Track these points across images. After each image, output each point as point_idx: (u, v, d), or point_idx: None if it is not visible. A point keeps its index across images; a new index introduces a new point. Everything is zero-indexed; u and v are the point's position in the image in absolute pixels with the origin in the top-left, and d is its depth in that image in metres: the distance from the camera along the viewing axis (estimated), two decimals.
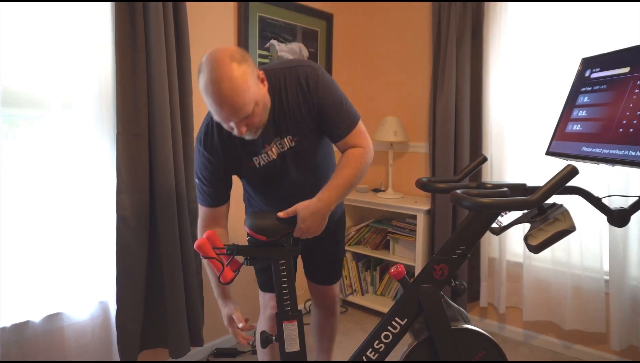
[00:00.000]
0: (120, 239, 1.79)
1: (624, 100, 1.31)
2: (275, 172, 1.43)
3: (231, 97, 1.13)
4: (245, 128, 1.22)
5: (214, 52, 1.16)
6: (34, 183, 1.68)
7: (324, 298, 1.81)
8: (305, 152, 1.42)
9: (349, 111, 1.39)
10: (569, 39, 2.24)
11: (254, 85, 1.19)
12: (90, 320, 1.83)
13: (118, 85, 1.75)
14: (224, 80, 1.13)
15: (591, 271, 2.23)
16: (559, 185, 1.13)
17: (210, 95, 1.14)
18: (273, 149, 1.39)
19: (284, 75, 1.32)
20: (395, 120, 2.80)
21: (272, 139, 1.38)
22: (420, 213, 2.60)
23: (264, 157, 1.40)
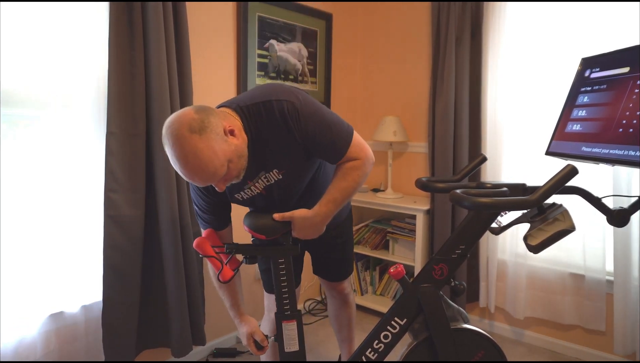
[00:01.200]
0: (108, 238, 1.77)
1: (623, 100, 1.31)
2: (262, 201, 1.42)
3: (200, 170, 1.11)
4: (225, 183, 1.21)
5: (172, 126, 1.10)
6: (32, 183, 1.67)
7: (335, 292, 1.87)
8: (293, 182, 1.38)
9: (339, 132, 1.31)
10: (569, 39, 2.24)
11: (222, 146, 1.14)
12: (85, 320, 1.82)
13: (111, 85, 1.74)
14: (189, 156, 1.09)
15: (594, 271, 2.22)
16: (559, 185, 1.13)
17: (180, 170, 1.13)
18: (257, 184, 1.36)
19: (259, 111, 1.24)
20: (394, 120, 2.80)
21: (257, 175, 1.34)
22: (419, 213, 2.60)
23: (247, 192, 1.38)
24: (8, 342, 1.62)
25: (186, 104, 1.97)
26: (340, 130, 1.31)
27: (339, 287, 1.85)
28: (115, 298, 1.81)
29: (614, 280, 2.14)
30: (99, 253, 1.82)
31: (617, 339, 2.16)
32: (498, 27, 2.44)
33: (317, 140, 1.28)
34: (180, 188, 1.94)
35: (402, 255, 2.78)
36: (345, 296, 1.88)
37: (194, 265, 2.01)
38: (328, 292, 1.91)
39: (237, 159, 1.19)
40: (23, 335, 1.65)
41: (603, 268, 2.20)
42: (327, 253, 1.76)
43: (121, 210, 1.79)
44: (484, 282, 2.58)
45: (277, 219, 1.35)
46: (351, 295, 1.93)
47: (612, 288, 2.16)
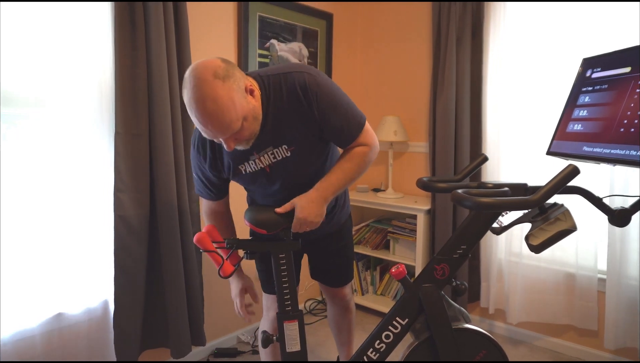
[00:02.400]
0: (118, 239, 1.78)
1: (624, 100, 1.31)
2: (263, 180, 1.40)
3: (216, 117, 1.10)
4: (234, 143, 1.20)
5: (197, 69, 1.10)
6: (34, 183, 1.67)
7: (336, 298, 1.82)
8: (300, 162, 1.36)
9: (354, 116, 1.33)
10: (569, 39, 2.24)
11: (241, 100, 1.14)
12: (88, 320, 1.82)
13: (118, 85, 1.75)
14: (208, 100, 1.08)
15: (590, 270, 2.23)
16: (560, 185, 1.13)
17: (194, 114, 1.11)
18: (263, 158, 1.34)
19: (279, 82, 1.24)
20: (395, 120, 2.80)
21: (264, 148, 1.32)
22: (420, 213, 2.60)
23: (252, 165, 1.36)
24: (9, 342, 1.62)
25: None
26: (355, 114, 1.33)
27: (340, 293, 1.80)
28: (124, 299, 1.82)
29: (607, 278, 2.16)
30: (103, 253, 1.82)
31: (607, 334, 2.17)
32: (498, 27, 2.44)
33: (333, 119, 1.28)
34: (181, 188, 1.94)
35: (403, 255, 2.78)
36: (346, 302, 1.84)
37: (193, 265, 2.01)
38: (328, 298, 1.86)
39: (252, 120, 1.19)
40: (24, 335, 1.65)
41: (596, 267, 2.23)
42: (326, 257, 1.72)
43: (128, 211, 1.80)
44: (485, 282, 2.58)
45: (279, 212, 1.33)
46: (352, 301, 1.88)
47: (604, 286, 2.18)
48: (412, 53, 2.89)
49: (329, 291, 1.81)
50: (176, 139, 1.92)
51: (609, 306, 2.17)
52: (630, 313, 2.13)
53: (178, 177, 1.93)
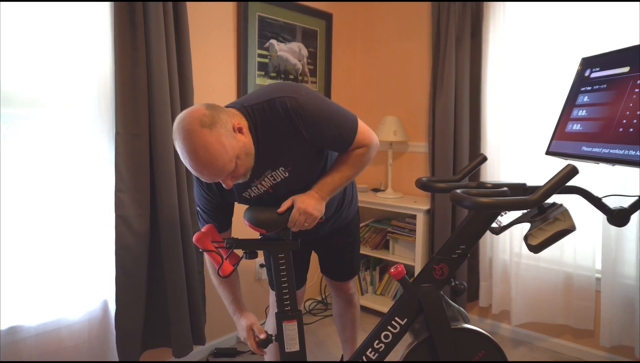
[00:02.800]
0: (119, 239, 1.79)
1: (623, 99, 1.31)
2: (270, 199, 1.42)
3: (210, 163, 1.13)
4: (232, 180, 1.22)
5: (184, 120, 1.13)
6: (34, 183, 1.67)
7: (340, 292, 1.88)
8: (300, 178, 1.39)
9: (345, 123, 1.33)
10: (568, 39, 2.24)
11: (231, 141, 1.17)
12: (90, 320, 1.83)
13: (118, 85, 1.75)
14: (199, 149, 1.12)
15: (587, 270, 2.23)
16: (559, 185, 1.13)
17: (189, 164, 1.15)
18: (264, 183, 1.37)
19: (263, 109, 1.26)
20: (394, 120, 2.80)
21: (263, 173, 1.35)
22: (419, 213, 2.60)
23: (255, 190, 1.40)
24: (8, 342, 1.62)
25: (187, 104, 1.98)
26: (345, 121, 1.33)
27: (344, 286, 1.85)
28: (125, 299, 1.82)
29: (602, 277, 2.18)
30: (103, 253, 1.83)
31: (603, 333, 2.18)
32: (498, 27, 2.44)
33: (324, 134, 1.29)
34: (181, 188, 1.95)
35: (402, 255, 2.78)
36: (350, 296, 1.89)
37: (194, 265, 2.02)
38: (333, 292, 1.92)
39: (245, 156, 1.22)
40: (24, 335, 1.65)
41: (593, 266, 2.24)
42: (335, 253, 1.77)
43: (128, 210, 1.80)
44: (484, 282, 2.59)
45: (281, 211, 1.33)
46: (356, 295, 1.94)
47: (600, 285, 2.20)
48: (412, 53, 2.89)
49: (333, 284, 1.86)
50: None
51: (604, 305, 2.17)
52: (625, 312, 2.14)
53: (178, 176, 1.93)
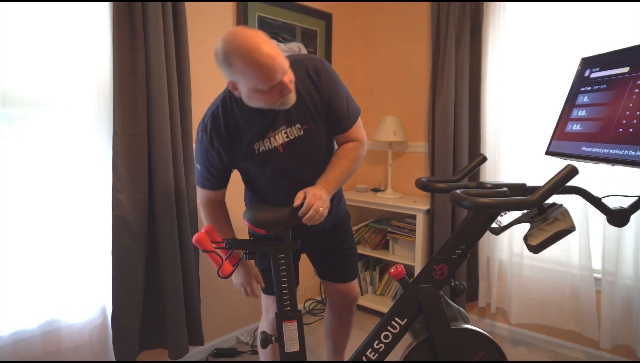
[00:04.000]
0: (116, 238, 1.78)
1: (623, 99, 1.31)
2: (275, 163, 1.44)
3: (274, 55, 1.19)
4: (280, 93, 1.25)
5: (240, 29, 1.21)
6: (33, 183, 1.67)
7: (345, 297, 1.78)
8: (312, 142, 1.45)
9: (352, 104, 1.50)
10: (568, 39, 2.24)
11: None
12: (89, 321, 1.82)
13: (116, 86, 1.74)
14: (264, 44, 1.19)
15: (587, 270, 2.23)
16: (559, 185, 1.13)
17: (255, 62, 1.17)
18: (277, 137, 1.41)
19: (291, 66, 1.31)
20: (394, 120, 2.80)
21: (279, 127, 1.41)
22: (419, 213, 2.60)
23: (266, 143, 1.42)
24: (7, 344, 1.62)
25: (185, 104, 1.98)
26: (353, 104, 1.51)
27: (350, 287, 1.77)
28: (123, 299, 1.82)
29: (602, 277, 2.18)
30: (102, 254, 1.82)
31: (602, 333, 2.18)
32: (498, 27, 2.44)
33: (338, 102, 1.44)
34: (179, 188, 1.94)
35: (402, 255, 2.78)
36: (353, 300, 1.80)
37: (191, 265, 2.01)
38: (335, 298, 1.80)
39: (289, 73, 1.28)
40: (22, 336, 1.65)
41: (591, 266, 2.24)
42: (330, 252, 1.73)
43: (126, 210, 1.80)
44: (484, 282, 2.59)
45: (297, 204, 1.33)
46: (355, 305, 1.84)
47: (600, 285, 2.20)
48: (412, 53, 2.89)
49: (338, 290, 1.77)
50: (175, 139, 1.92)
51: (604, 305, 2.17)
52: (625, 312, 2.14)
53: (177, 177, 1.93)
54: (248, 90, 1.26)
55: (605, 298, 2.17)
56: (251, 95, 1.27)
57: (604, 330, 2.18)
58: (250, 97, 1.28)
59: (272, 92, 1.25)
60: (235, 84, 1.28)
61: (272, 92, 1.25)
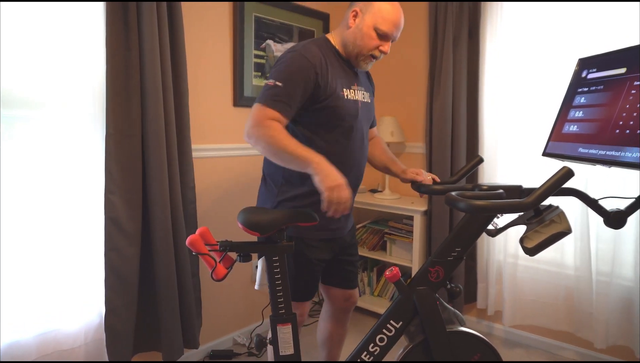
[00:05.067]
0: (108, 240, 1.77)
1: (620, 101, 1.30)
2: (355, 115, 1.54)
3: (402, 21, 1.50)
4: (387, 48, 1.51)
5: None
6: (26, 185, 1.66)
7: (348, 301, 1.78)
8: (370, 112, 1.66)
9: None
10: (566, 38, 2.23)
11: None
12: (84, 324, 1.81)
13: (109, 86, 1.73)
14: (401, 10, 1.49)
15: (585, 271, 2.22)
16: (555, 188, 1.13)
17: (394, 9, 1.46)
18: (358, 92, 1.58)
19: None
20: (391, 121, 2.79)
21: (360, 86, 1.60)
22: (417, 214, 2.59)
23: (352, 93, 1.55)
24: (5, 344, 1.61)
25: (181, 104, 1.96)
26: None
27: (354, 291, 1.79)
28: (116, 301, 1.80)
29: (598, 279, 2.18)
30: (97, 256, 1.81)
31: (599, 333, 2.17)
32: (495, 27, 2.43)
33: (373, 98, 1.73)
34: (174, 190, 1.93)
35: (400, 256, 2.77)
36: (354, 303, 1.81)
37: (187, 268, 2.00)
38: (339, 303, 1.77)
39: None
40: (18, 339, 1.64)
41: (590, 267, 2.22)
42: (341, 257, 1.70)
43: (119, 212, 1.78)
44: (482, 283, 2.58)
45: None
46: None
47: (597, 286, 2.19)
48: (409, 53, 2.88)
49: (344, 294, 1.76)
50: (170, 140, 1.90)
51: (600, 306, 2.17)
52: (622, 312, 2.13)
53: (172, 178, 1.92)
54: (368, 24, 1.45)
55: (601, 299, 2.16)
56: (363, 31, 1.46)
57: (599, 331, 2.17)
58: (359, 32, 1.47)
59: (379, 40, 1.47)
60: (360, 12, 1.47)
61: (379, 41, 1.47)
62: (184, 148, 1.99)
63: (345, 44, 1.52)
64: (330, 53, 1.51)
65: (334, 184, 1.25)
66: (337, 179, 1.26)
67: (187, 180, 2.01)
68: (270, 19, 2.47)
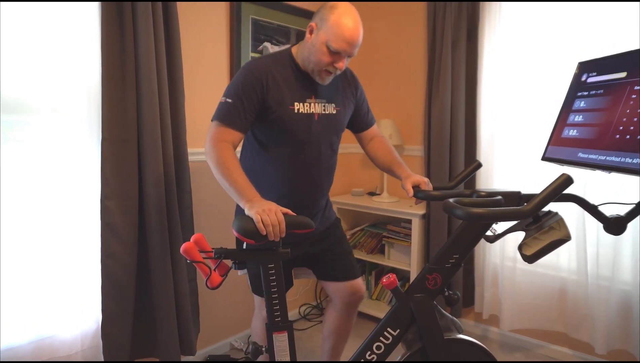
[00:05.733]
0: (105, 246, 1.75)
1: (620, 105, 1.28)
2: (307, 128, 1.54)
3: (359, 39, 1.47)
4: (342, 65, 1.48)
5: (349, 5, 1.47)
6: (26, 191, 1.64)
7: (354, 294, 1.73)
8: (338, 124, 1.64)
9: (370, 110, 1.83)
10: (566, 41, 2.21)
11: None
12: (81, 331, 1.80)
13: (104, 89, 1.71)
14: (359, 27, 1.46)
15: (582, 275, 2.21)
16: (554, 195, 1.11)
17: (348, 24, 1.43)
18: (315, 105, 1.56)
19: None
20: (390, 123, 2.77)
21: (320, 98, 1.58)
22: (415, 218, 2.57)
23: (305, 106, 1.54)
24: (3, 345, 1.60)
25: (177, 108, 1.94)
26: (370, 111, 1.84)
27: (359, 283, 1.74)
28: (113, 308, 1.78)
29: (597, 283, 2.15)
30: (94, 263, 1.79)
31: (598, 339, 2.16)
32: (494, 28, 2.41)
33: (364, 103, 1.77)
34: (170, 195, 1.91)
35: (398, 260, 2.76)
36: (360, 298, 1.76)
37: (183, 274, 1.98)
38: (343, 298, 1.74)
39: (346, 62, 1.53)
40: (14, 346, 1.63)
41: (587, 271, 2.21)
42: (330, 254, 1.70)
43: (115, 218, 1.76)
44: (479, 287, 2.56)
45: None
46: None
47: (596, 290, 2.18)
48: (407, 55, 2.86)
49: (347, 288, 1.71)
50: (166, 143, 1.88)
51: (600, 310, 2.15)
52: (621, 317, 2.12)
53: (168, 182, 1.90)
54: (321, 40, 1.45)
55: (602, 303, 2.14)
56: (316, 47, 1.46)
57: (599, 335, 2.15)
58: (313, 47, 1.47)
59: (332, 57, 1.46)
60: (315, 27, 1.47)
61: (332, 58, 1.46)
62: (180, 152, 1.97)
63: (302, 58, 1.53)
64: (285, 66, 1.54)
65: (263, 208, 1.28)
66: (266, 204, 1.31)
67: (184, 185, 1.99)
68: (268, 21, 2.46)
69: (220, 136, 1.45)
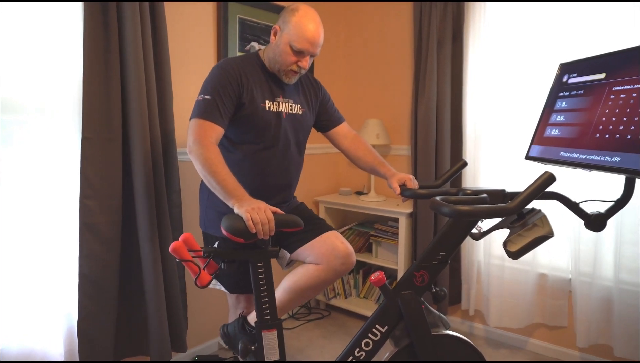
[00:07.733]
0: (83, 246, 1.72)
1: (600, 105, 1.32)
2: (277, 126, 1.60)
3: (320, 40, 1.55)
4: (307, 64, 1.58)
5: (309, 7, 1.55)
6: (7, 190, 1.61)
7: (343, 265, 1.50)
8: (303, 124, 1.71)
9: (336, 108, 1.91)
10: (548, 41, 2.26)
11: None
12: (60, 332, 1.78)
13: (86, 89, 1.68)
14: (320, 27, 1.54)
15: (563, 271, 2.26)
16: (537, 193, 1.14)
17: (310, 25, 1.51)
18: (283, 104, 1.64)
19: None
20: (377, 123, 2.80)
21: (288, 97, 1.66)
22: (402, 217, 2.60)
23: (275, 105, 1.61)
24: None
25: (165, 106, 1.93)
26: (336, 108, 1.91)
27: (338, 239, 1.53)
28: (90, 308, 1.76)
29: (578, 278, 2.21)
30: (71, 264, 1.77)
31: (579, 332, 2.23)
32: (479, 29, 2.45)
33: (329, 103, 1.84)
34: (160, 194, 1.90)
35: (385, 258, 2.78)
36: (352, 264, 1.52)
37: (173, 271, 1.97)
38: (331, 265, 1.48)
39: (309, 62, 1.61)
40: None
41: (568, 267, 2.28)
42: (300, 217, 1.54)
43: (96, 218, 1.74)
44: (466, 285, 2.60)
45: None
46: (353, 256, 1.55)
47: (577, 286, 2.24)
48: (394, 56, 2.89)
49: (328, 250, 1.49)
50: (154, 143, 1.87)
51: (580, 305, 2.21)
52: (602, 311, 2.17)
53: (157, 181, 1.88)
54: (284, 41, 1.53)
55: (583, 299, 2.20)
56: (280, 47, 1.54)
57: (582, 329, 2.21)
58: (277, 48, 1.55)
59: (295, 57, 1.54)
60: (279, 30, 1.56)
61: (296, 57, 1.54)
62: (169, 151, 1.96)
63: (268, 59, 1.61)
64: (254, 67, 1.61)
65: (252, 206, 1.28)
66: (255, 203, 1.31)
67: (173, 184, 1.99)
68: (255, 21, 2.46)
69: (203, 132, 1.45)
